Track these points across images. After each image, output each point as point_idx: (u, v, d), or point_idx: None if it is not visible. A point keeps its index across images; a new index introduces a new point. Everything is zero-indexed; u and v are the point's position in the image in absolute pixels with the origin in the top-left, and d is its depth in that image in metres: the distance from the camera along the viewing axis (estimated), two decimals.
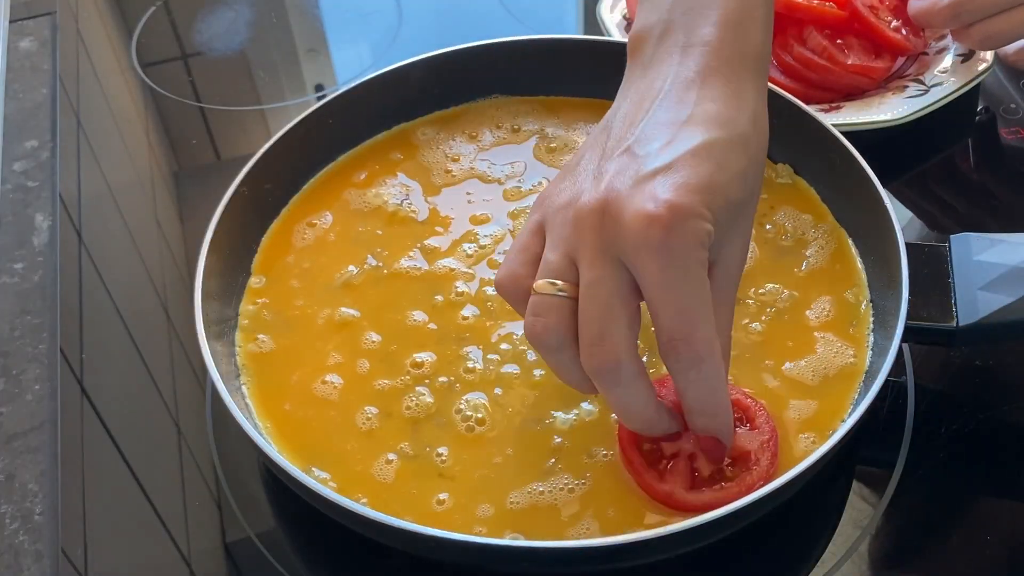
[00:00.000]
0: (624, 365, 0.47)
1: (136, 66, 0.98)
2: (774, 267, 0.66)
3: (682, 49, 0.51)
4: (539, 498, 0.56)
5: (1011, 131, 0.81)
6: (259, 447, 0.54)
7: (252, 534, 0.61)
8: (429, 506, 0.56)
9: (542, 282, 0.48)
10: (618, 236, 0.46)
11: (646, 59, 0.53)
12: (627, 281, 0.47)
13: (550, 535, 0.54)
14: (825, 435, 0.57)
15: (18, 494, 0.63)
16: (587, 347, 0.47)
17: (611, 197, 0.47)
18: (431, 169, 0.75)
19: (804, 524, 0.59)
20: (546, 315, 0.48)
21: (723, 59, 0.51)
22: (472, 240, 0.69)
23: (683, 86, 0.50)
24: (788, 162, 0.72)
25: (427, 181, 0.74)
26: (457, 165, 0.75)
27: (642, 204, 0.45)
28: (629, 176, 0.47)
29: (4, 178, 0.83)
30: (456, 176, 0.74)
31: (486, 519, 0.55)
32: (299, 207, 0.73)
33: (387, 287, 0.67)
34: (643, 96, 0.51)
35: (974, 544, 0.58)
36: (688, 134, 0.48)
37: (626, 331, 0.47)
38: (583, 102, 0.79)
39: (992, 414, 0.64)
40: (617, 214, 0.46)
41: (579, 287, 0.48)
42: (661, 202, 0.45)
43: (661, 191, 0.46)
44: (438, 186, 0.74)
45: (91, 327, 0.73)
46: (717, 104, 0.49)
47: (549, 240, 0.50)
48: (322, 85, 0.97)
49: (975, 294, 0.59)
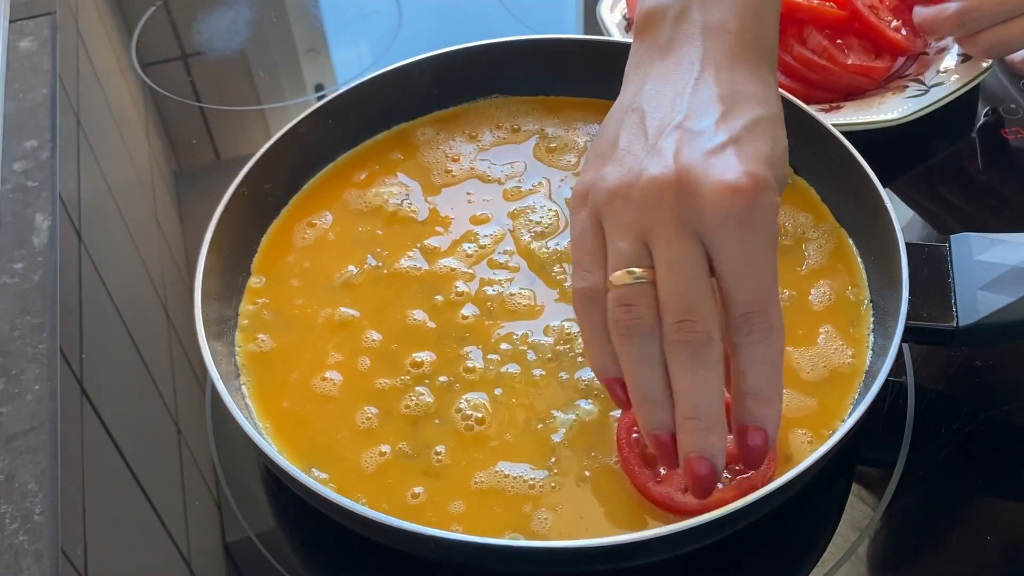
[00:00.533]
0: (715, 342, 0.46)
1: (136, 66, 0.98)
2: None
3: (703, 33, 0.51)
4: (537, 497, 0.56)
5: (1011, 131, 0.81)
6: (259, 447, 0.54)
7: (252, 534, 0.61)
8: (427, 504, 0.56)
9: (620, 272, 0.46)
10: (699, 208, 0.45)
11: (663, 41, 0.52)
12: (705, 256, 0.45)
13: (548, 535, 0.54)
14: (824, 435, 0.57)
15: (18, 494, 0.63)
16: (675, 326, 0.45)
17: (685, 170, 0.45)
18: (431, 169, 0.75)
19: (804, 525, 0.59)
20: (636, 303, 0.46)
21: (745, 45, 0.51)
22: (472, 240, 0.69)
23: (715, 67, 0.50)
24: (787, 162, 0.72)
25: (427, 181, 0.74)
26: (457, 165, 0.75)
27: (722, 175, 0.44)
28: (697, 150, 0.46)
29: (4, 178, 0.83)
30: (456, 176, 0.74)
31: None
32: (299, 207, 0.73)
33: (387, 287, 0.67)
34: (668, 77, 0.50)
35: (974, 544, 0.58)
36: (740, 110, 0.48)
37: (713, 305, 0.46)
38: (583, 102, 0.79)
39: (992, 414, 0.64)
40: (696, 186, 0.45)
41: (656, 269, 0.46)
42: (741, 172, 0.44)
43: (738, 162, 0.45)
44: (438, 186, 0.74)
45: (91, 327, 0.73)
46: (750, 85, 0.49)
47: (612, 229, 0.48)
48: (322, 85, 0.97)
49: (975, 294, 0.59)
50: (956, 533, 0.59)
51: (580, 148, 0.75)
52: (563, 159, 0.75)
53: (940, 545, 0.58)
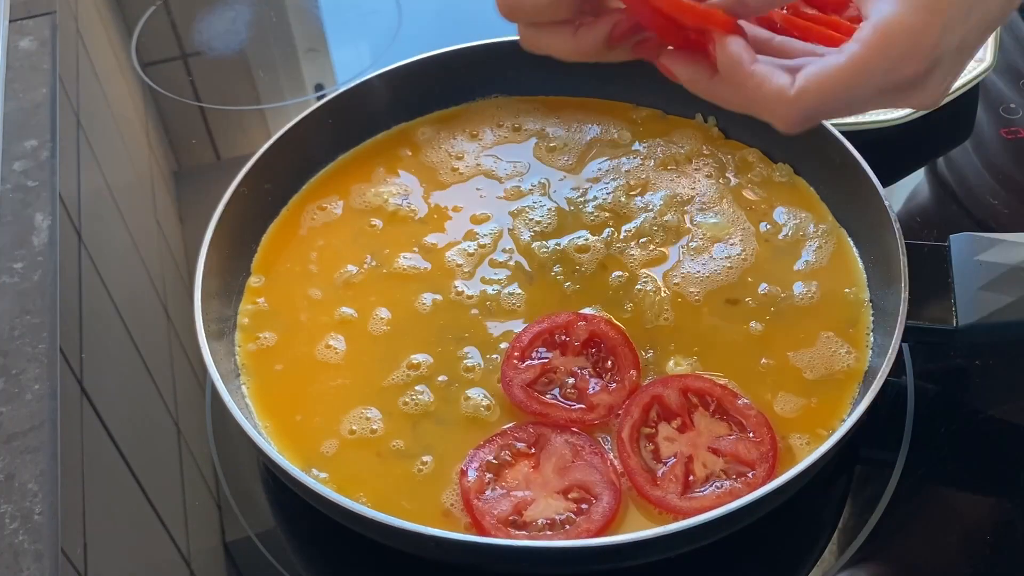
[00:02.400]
0: None
1: (136, 66, 0.98)
2: (774, 266, 0.66)
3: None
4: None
5: (1011, 131, 0.81)
6: (259, 447, 0.54)
7: (252, 534, 0.61)
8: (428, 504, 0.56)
9: None
10: None
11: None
12: None
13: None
14: (824, 435, 0.57)
15: (18, 494, 0.63)
16: None
17: None
18: (431, 169, 0.75)
19: (804, 524, 0.59)
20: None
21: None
22: (472, 239, 0.69)
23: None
24: (788, 161, 0.72)
25: (426, 180, 0.74)
26: (462, 163, 0.75)
27: None
28: None
29: (4, 178, 0.83)
30: (457, 175, 0.74)
31: None
32: (299, 207, 0.73)
33: (386, 286, 0.67)
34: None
35: (974, 544, 0.58)
36: None
37: None
38: (583, 102, 0.79)
39: (992, 414, 0.64)
40: None
41: None
42: None
43: None
44: (438, 185, 0.74)
45: (91, 327, 0.73)
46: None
47: None
48: (322, 85, 0.97)
49: (975, 294, 0.59)
50: (956, 533, 0.59)
51: (580, 148, 0.75)
52: (563, 159, 0.75)
53: (940, 545, 0.58)
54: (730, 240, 0.68)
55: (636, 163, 0.73)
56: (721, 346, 0.62)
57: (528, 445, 0.57)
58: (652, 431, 0.57)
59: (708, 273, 0.66)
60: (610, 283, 0.66)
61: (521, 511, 0.54)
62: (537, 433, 0.57)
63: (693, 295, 0.65)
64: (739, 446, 0.56)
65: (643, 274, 0.66)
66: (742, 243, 0.68)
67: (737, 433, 0.56)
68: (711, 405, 0.58)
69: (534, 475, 0.55)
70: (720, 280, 0.65)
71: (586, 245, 0.68)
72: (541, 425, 0.57)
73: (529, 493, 0.55)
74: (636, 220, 0.69)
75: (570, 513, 0.54)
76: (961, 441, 0.62)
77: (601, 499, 0.54)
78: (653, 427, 0.57)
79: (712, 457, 0.56)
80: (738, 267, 0.66)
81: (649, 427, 0.57)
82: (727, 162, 0.73)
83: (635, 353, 0.60)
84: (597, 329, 0.61)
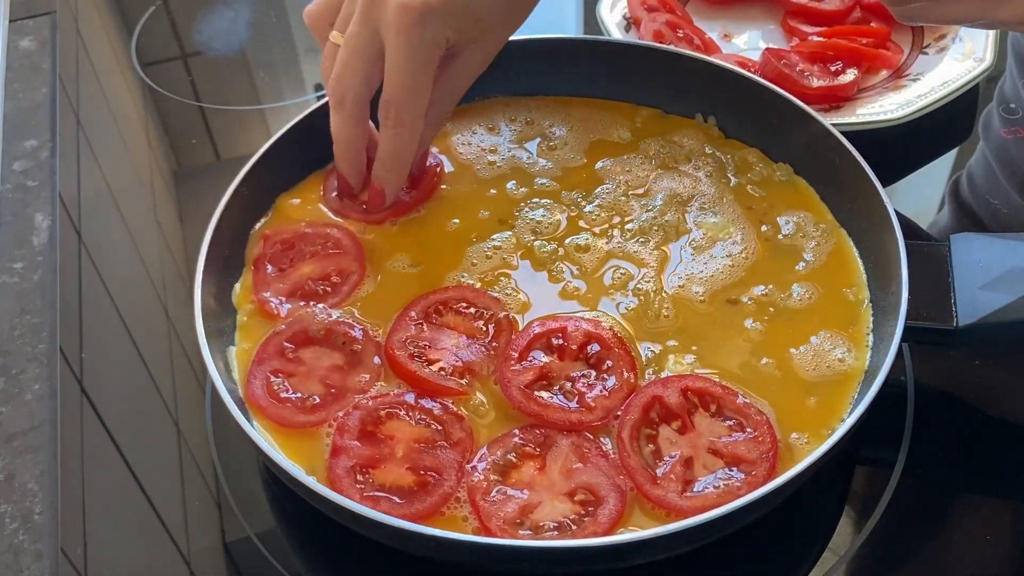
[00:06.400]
0: (349, 100, 0.64)
1: (136, 66, 0.98)
2: (773, 266, 0.66)
3: None
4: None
5: (1011, 131, 0.81)
6: (259, 447, 0.54)
7: (252, 534, 0.61)
8: None
9: (335, 33, 0.65)
10: (382, 10, 0.61)
11: None
12: (376, 47, 0.62)
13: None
14: (824, 435, 0.57)
15: (18, 494, 0.63)
16: (331, 80, 0.64)
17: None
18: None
19: (804, 524, 0.59)
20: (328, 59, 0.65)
21: None
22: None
23: None
24: (788, 161, 0.72)
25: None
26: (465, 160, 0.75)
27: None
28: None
29: (4, 178, 0.83)
30: (469, 172, 0.74)
31: None
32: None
33: (387, 285, 0.67)
34: None
35: (974, 544, 0.58)
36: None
37: (360, 78, 0.63)
38: (583, 101, 0.79)
39: (992, 414, 0.64)
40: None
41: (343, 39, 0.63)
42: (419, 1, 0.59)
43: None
44: (445, 182, 0.74)
45: (91, 327, 0.73)
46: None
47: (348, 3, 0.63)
48: (322, 85, 0.97)
49: (975, 294, 0.59)
50: (956, 533, 0.59)
51: (580, 147, 0.75)
52: (563, 158, 0.75)
53: (940, 545, 0.58)
54: (730, 239, 0.68)
55: (636, 162, 0.73)
56: (721, 345, 0.62)
57: (535, 447, 0.57)
58: (653, 432, 0.57)
59: (708, 272, 0.66)
60: (610, 282, 0.66)
61: (527, 513, 0.54)
62: (543, 435, 0.57)
63: (693, 294, 0.65)
64: (739, 445, 0.56)
65: (643, 273, 0.66)
66: (742, 243, 0.68)
67: (737, 433, 0.56)
68: (711, 405, 0.58)
69: (540, 477, 0.55)
70: (720, 279, 0.65)
71: (587, 244, 0.68)
72: (546, 427, 0.57)
73: (535, 495, 0.55)
74: (637, 219, 0.69)
75: (576, 515, 0.54)
76: (961, 441, 0.62)
77: (607, 502, 0.54)
78: (654, 428, 0.57)
79: (712, 458, 0.56)
80: (738, 266, 0.66)
81: (650, 428, 0.57)
82: (727, 162, 0.73)
83: (631, 355, 0.60)
84: (593, 331, 0.61)
